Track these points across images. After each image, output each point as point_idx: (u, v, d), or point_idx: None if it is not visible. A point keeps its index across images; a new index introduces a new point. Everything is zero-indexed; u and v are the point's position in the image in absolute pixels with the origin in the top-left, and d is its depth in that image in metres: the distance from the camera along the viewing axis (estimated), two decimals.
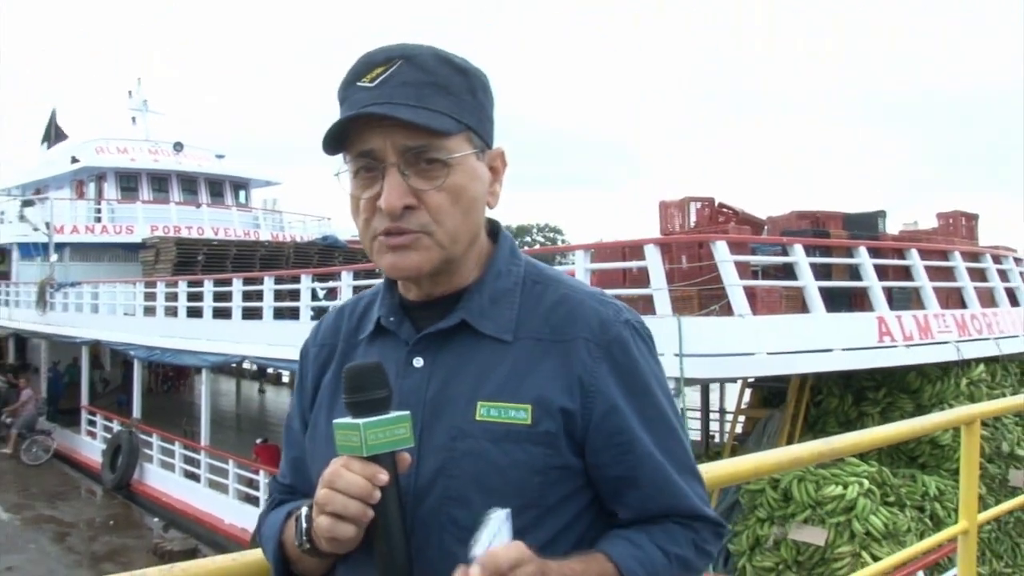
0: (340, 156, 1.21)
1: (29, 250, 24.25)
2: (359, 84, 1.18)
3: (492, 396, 1.17)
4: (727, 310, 7.77)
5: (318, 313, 13.28)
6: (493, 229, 1.32)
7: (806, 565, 7.29)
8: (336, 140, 1.18)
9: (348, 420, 1.10)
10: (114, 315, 19.13)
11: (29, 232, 23.58)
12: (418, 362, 1.22)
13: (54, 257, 22.81)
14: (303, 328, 12.82)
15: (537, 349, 1.20)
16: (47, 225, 23.12)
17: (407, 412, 1.12)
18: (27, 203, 24.33)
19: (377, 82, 1.16)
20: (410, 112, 1.13)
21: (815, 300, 8.24)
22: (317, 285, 13.83)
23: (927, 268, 9.59)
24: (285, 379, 24.51)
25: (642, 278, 8.33)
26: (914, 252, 9.53)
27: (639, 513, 1.22)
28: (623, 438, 1.18)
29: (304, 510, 1.18)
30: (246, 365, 18.82)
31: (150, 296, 17.66)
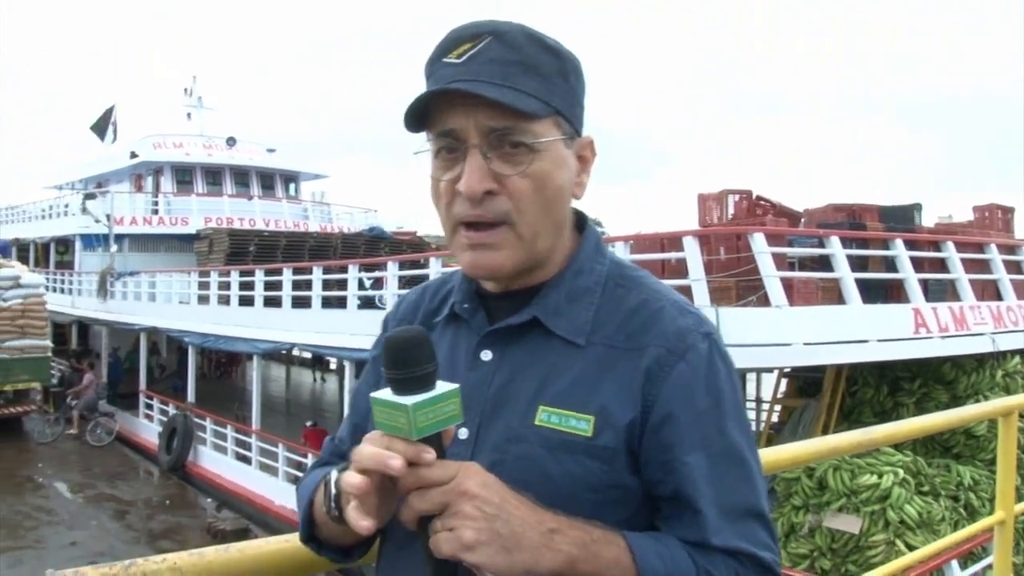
0: (422, 136, 1.15)
1: (91, 241, 24.87)
2: (445, 60, 1.11)
3: (555, 401, 1.09)
4: (764, 301, 7.89)
5: (365, 302, 13.61)
6: (579, 222, 1.23)
7: (840, 552, 7.37)
8: (417, 117, 1.12)
9: (391, 397, 0.97)
10: (170, 303, 19.68)
11: (91, 224, 24.22)
12: (486, 355, 1.16)
13: (114, 248, 23.48)
14: (350, 316, 13.17)
15: (609, 356, 1.10)
16: (108, 217, 23.79)
17: (456, 386, 0.99)
18: (89, 196, 24.96)
19: (464, 59, 1.09)
20: (495, 91, 1.06)
21: (851, 291, 8.33)
22: (364, 275, 14.10)
23: (963, 260, 9.61)
24: (333, 366, 24.92)
25: (680, 269, 8.47)
26: (950, 244, 9.55)
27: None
28: (669, 456, 1.06)
29: (334, 474, 1.09)
30: (295, 352, 19.25)
31: (204, 285, 18.14)
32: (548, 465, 1.07)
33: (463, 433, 1.12)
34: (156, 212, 25.19)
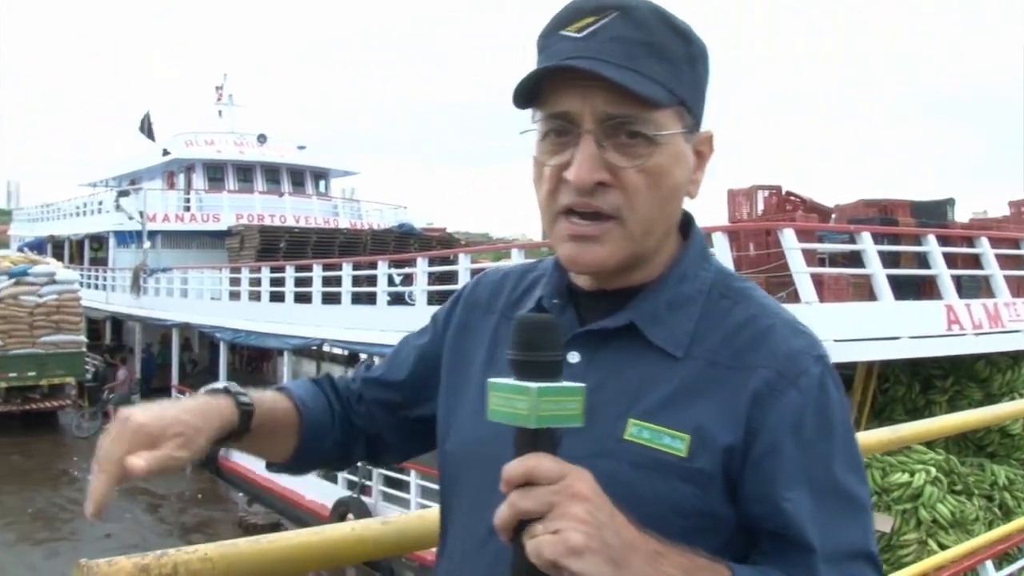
0: (529, 113, 1.05)
1: (124, 238, 25.29)
2: (563, 33, 1.01)
3: (647, 416, 0.99)
4: (794, 297, 7.83)
5: (394, 298, 13.69)
6: (685, 222, 1.12)
7: None
8: (528, 94, 1.02)
9: (512, 381, 0.88)
10: (202, 299, 19.94)
11: (124, 221, 24.62)
12: (574, 357, 1.04)
13: (147, 244, 23.78)
14: (380, 312, 13.25)
15: (710, 373, 1.00)
16: (141, 214, 24.15)
17: (582, 384, 0.89)
18: (123, 193, 25.34)
19: (585, 33, 0.99)
20: (617, 72, 0.96)
21: (883, 288, 8.25)
22: (393, 271, 14.20)
23: (998, 256, 9.47)
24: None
25: None
26: (984, 240, 9.43)
27: None
28: (771, 489, 0.97)
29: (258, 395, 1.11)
30: (324, 348, 19.40)
31: (235, 281, 18.38)
32: (637, 484, 0.97)
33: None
34: (188, 209, 25.53)
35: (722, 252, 8.17)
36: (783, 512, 0.96)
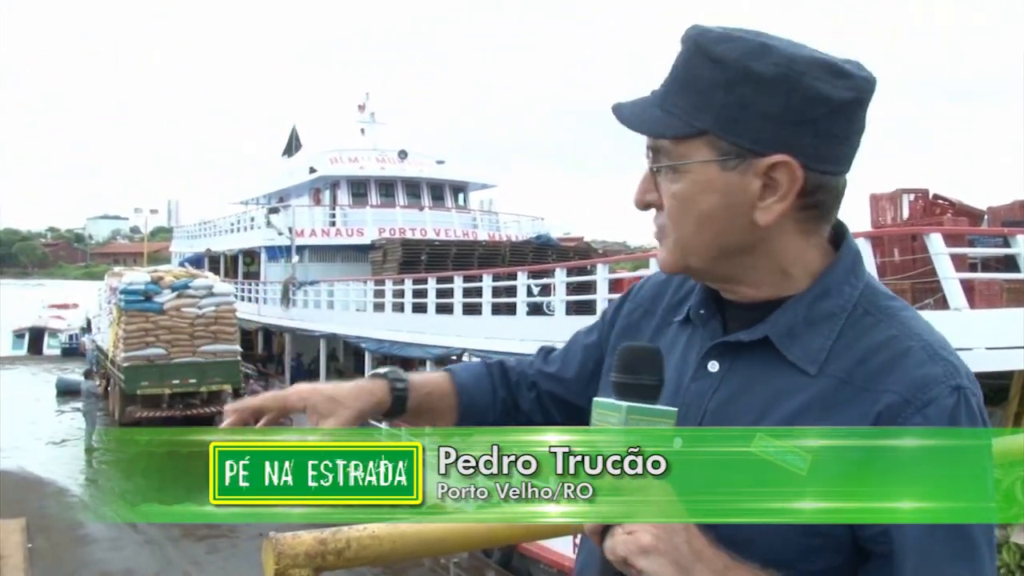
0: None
1: (274, 252, 26.16)
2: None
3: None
4: (943, 304, 7.61)
5: (533, 309, 13.88)
6: (838, 235, 1.11)
7: None
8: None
9: (611, 400, 1.00)
10: (347, 311, 20.59)
11: (274, 236, 25.55)
12: (713, 366, 1.10)
13: (295, 259, 24.69)
14: (520, 323, 13.46)
15: (841, 392, 1.01)
16: (290, 230, 25.06)
17: (674, 409, 0.98)
18: (273, 211, 26.36)
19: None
20: (632, 111, 1.08)
21: None
22: (532, 282, 14.38)
23: None
24: None
25: None
26: None
27: None
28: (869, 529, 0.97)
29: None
30: (464, 358, 19.75)
31: (379, 293, 18.98)
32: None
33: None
34: (334, 224, 26.30)
35: (864, 258, 7.95)
36: (891, 538, 0.96)
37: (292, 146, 30.17)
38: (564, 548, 10.50)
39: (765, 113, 1.01)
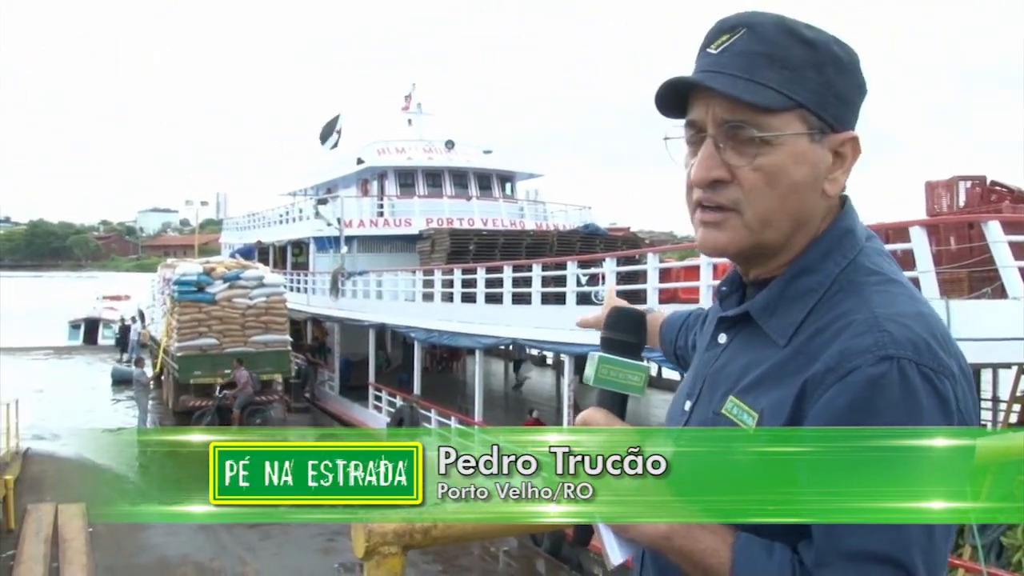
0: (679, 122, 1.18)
1: (323, 243, 26.37)
2: (706, 50, 1.14)
3: (740, 394, 1.11)
4: (1000, 293, 7.46)
5: (582, 298, 13.83)
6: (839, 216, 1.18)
7: None
8: (664, 105, 1.17)
9: (593, 352, 1.19)
10: (396, 301, 20.68)
11: (323, 227, 25.75)
12: (722, 338, 1.22)
13: (344, 249, 24.83)
14: (568, 312, 13.41)
15: (793, 361, 1.07)
16: (338, 220, 25.19)
17: (647, 366, 1.17)
18: (321, 202, 26.55)
19: (719, 50, 1.12)
20: (729, 83, 1.09)
21: None
22: (580, 272, 14.34)
23: None
24: (549, 360, 25.42)
25: (906, 261, 8.12)
26: None
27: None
28: (803, 479, 1.01)
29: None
30: (510, 347, 19.75)
31: (428, 283, 19.01)
32: None
33: (687, 405, 1.23)
34: (381, 214, 26.44)
35: (920, 247, 7.81)
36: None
37: (331, 132, 30.27)
38: None
39: (841, 94, 1.12)
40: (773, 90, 1.09)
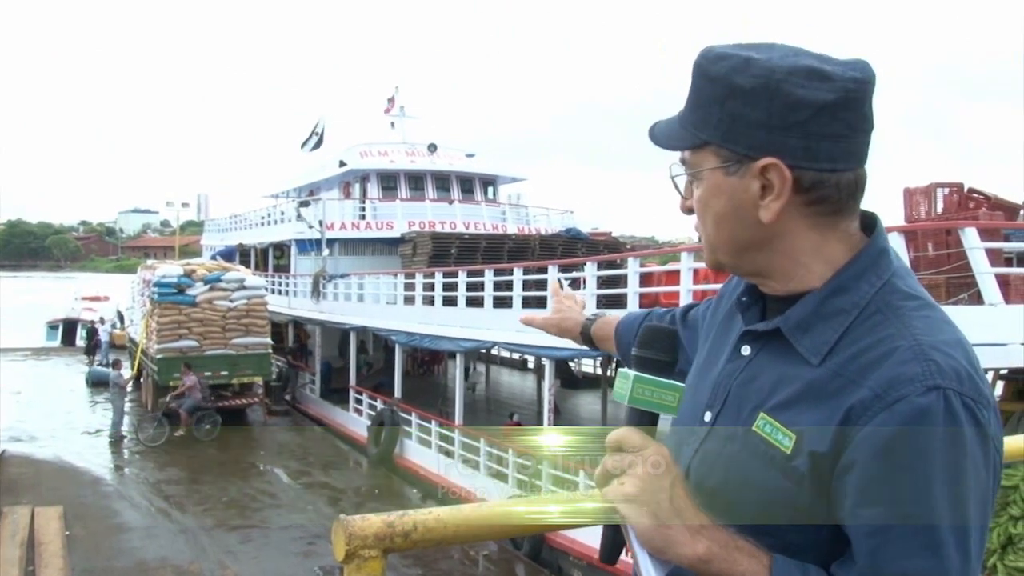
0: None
1: (305, 246, 26.31)
2: None
3: (772, 411, 1.11)
4: (977, 299, 7.55)
5: None
6: (867, 232, 1.19)
7: None
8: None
9: (626, 369, 1.18)
10: (377, 304, 20.65)
11: (305, 229, 25.64)
12: (745, 350, 1.21)
13: (326, 252, 24.85)
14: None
15: (832, 383, 1.07)
16: (320, 223, 25.19)
17: (682, 385, 1.17)
18: (303, 204, 26.47)
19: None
20: (665, 131, 1.21)
21: None
22: (562, 276, 14.37)
23: None
24: (531, 365, 25.48)
25: None
26: None
27: None
28: (849, 503, 1.03)
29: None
30: (494, 351, 19.77)
31: (409, 286, 18.98)
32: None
33: (707, 416, 1.22)
34: (363, 217, 26.43)
35: (898, 253, 7.92)
36: (851, 527, 1.03)
37: (312, 136, 30.27)
38: (593, 540, 10.47)
39: (753, 121, 1.10)
40: (689, 131, 1.16)
